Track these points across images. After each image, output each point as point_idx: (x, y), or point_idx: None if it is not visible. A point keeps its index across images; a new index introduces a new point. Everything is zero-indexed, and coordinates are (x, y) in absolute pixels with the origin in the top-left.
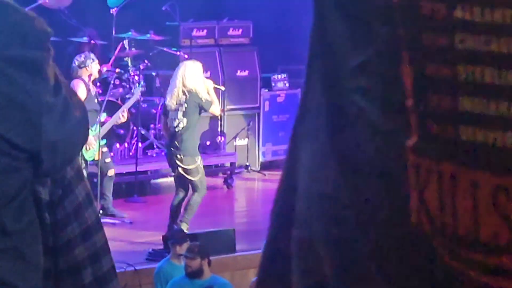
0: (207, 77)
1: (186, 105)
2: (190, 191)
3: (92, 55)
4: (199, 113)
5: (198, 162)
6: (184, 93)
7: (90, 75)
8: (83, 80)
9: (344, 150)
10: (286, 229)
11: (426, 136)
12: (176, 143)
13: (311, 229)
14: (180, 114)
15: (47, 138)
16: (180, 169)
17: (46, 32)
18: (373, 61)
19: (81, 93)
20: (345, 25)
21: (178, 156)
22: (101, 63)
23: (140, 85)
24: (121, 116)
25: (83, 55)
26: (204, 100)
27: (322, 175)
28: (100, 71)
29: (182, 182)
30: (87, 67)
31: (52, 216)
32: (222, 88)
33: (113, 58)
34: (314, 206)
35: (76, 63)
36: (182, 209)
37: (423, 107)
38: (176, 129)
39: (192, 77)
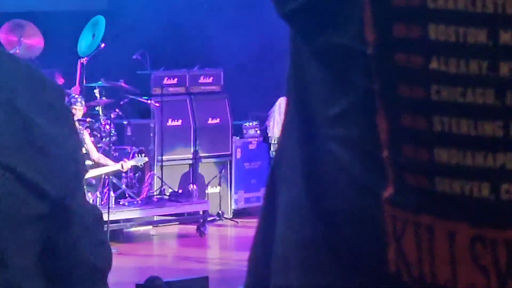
0: (178, 125)
1: None
2: None
3: (79, 98)
4: None
5: None
6: None
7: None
8: None
9: (320, 198)
10: (263, 276)
11: (402, 187)
12: None
13: (288, 277)
14: None
15: (70, 185)
16: None
17: (61, 88)
18: (349, 112)
19: None
20: (322, 74)
21: None
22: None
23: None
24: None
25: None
26: None
27: (298, 222)
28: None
29: None
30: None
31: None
32: None
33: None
34: (291, 254)
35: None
36: None
37: (399, 158)
38: None
39: None
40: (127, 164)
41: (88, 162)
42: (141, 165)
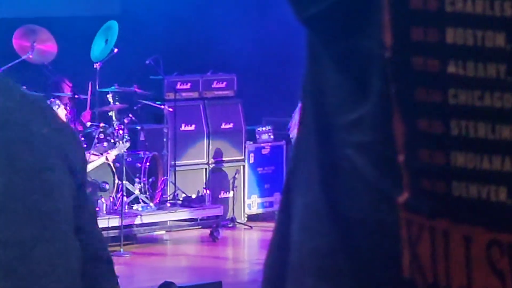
0: (191, 130)
1: None
2: None
3: (57, 101)
4: None
5: None
6: None
7: None
8: None
9: (336, 204)
10: (279, 282)
11: (417, 192)
12: None
13: (304, 283)
14: None
15: (83, 167)
16: None
17: None
18: (366, 117)
19: None
20: (340, 80)
21: None
22: (84, 117)
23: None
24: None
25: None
26: None
27: (314, 229)
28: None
29: None
30: None
31: None
32: None
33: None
34: (306, 261)
35: None
36: None
37: (415, 162)
38: None
39: None
40: (111, 154)
41: None
42: (124, 151)
